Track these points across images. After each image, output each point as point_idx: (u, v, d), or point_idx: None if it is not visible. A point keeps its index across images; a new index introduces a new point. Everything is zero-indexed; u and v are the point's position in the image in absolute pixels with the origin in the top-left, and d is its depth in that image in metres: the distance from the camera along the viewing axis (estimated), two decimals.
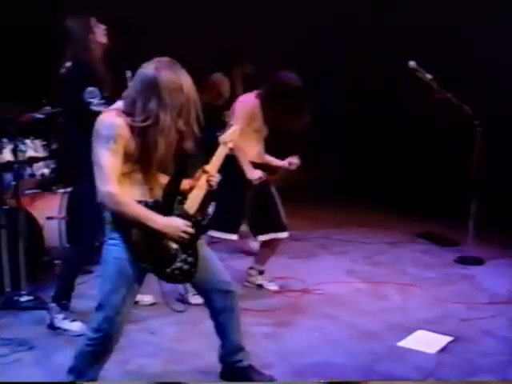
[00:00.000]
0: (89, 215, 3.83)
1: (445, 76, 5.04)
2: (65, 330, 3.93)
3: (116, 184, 2.77)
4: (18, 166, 4.38)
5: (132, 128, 2.79)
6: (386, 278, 5.00)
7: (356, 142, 7.67)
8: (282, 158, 4.62)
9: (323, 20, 7.72)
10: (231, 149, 3.26)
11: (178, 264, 2.93)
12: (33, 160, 4.67)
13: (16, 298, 4.31)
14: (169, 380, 3.36)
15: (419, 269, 5.27)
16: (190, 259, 2.96)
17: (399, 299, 4.61)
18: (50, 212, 4.78)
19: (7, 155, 4.46)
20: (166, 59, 2.84)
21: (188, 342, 3.84)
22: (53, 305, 3.99)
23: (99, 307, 2.91)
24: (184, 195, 3.01)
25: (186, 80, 2.82)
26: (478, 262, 5.32)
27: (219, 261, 3.20)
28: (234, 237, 4.51)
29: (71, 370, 3.02)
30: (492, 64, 6.30)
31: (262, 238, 4.58)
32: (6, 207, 4.41)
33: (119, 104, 2.90)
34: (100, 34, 3.95)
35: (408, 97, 6.63)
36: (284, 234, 4.59)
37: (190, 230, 2.90)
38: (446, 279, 5.01)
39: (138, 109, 2.78)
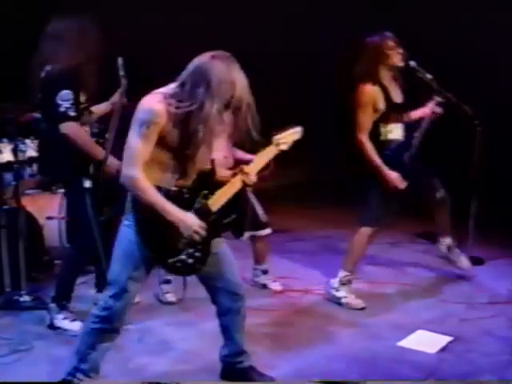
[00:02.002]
0: (83, 215, 3.84)
1: (445, 76, 5.04)
2: (65, 330, 3.93)
3: (140, 169, 2.76)
4: (18, 166, 4.39)
5: (175, 115, 2.75)
6: (386, 278, 5.01)
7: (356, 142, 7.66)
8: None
9: (323, 21, 7.73)
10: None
11: (183, 257, 2.89)
12: (33, 160, 4.67)
13: (16, 297, 4.31)
14: (169, 380, 3.36)
15: (419, 269, 5.28)
16: (197, 254, 2.92)
17: (399, 299, 4.61)
18: (50, 212, 4.78)
19: (7, 155, 4.46)
20: (225, 53, 2.81)
21: (188, 342, 3.83)
22: (52, 305, 3.99)
23: (108, 285, 2.97)
24: (211, 190, 2.96)
25: (239, 77, 2.77)
26: (478, 261, 5.31)
27: (234, 261, 3.18)
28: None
29: (76, 352, 3.07)
30: (492, 64, 6.31)
31: (241, 238, 4.57)
32: (6, 207, 4.41)
33: (170, 87, 2.83)
34: (89, 34, 3.86)
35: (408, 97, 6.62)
36: (263, 232, 4.59)
37: (202, 232, 2.86)
38: (445, 279, 5.02)
39: (185, 92, 2.74)
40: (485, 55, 6.35)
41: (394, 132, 4.40)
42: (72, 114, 3.73)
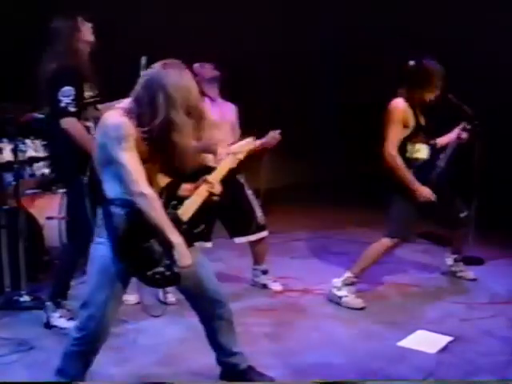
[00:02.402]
0: (82, 214, 3.84)
1: (445, 76, 5.04)
2: (61, 329, 3.92)
3: (146, 183, 2.73)
4: (18, 166, 4.39)
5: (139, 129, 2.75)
6: (386, 278, 5.01)
7: (357, 142, 7.68)
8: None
9: (323, 21, 7.72)
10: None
11: (161, 269, 2.85)
12: (33, 160, 4.68)
13: (16, 297, 4.31)
14: (168, 380, 3.36)
15: (419, 269, 5.28)
16: (173, 266, 2.86)
17: (399, 299, 4.62)
18: (50, 212, 4.78)
19: (7, 155, 4.46)
20: (175, 61, 2.81)
21: (187, 343, 3.83)
22: (48, 303, 3.99)
23: (83, 305, 2.90)
24: (180, 201, 2.97)
25: (192, 84, 2.77)
26: (478, 262, 5.32)
27: (211, 268, 3.17)
28: (209, 244, 4.48)
29: (57, 372, 3.01)
30: (492, 64, 6.30)
31: (238, 240, 4.62)
32: (6, 207, 4.42)
33: (125, 101, 2.84)
34: (87, 32, 3.93)
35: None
36: (259, 235, 4.61)
37: (190, 267, 2.82)
38: (446, 279, 5.02)
39: (144, 106, 2.72)
40: (485, 55, 6.35)
41: (421, 151, 4.43)
42: (72, 109, 3.76)
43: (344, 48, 7.70)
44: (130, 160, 2.73)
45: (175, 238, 2.79)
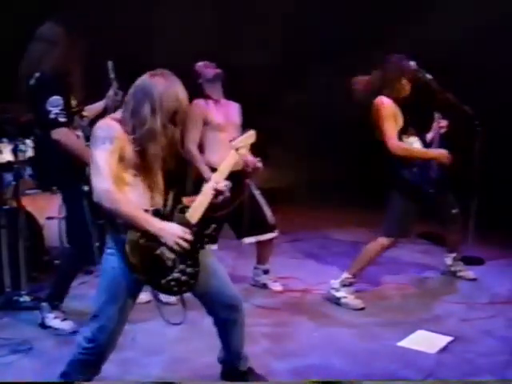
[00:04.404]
0: (78, 216, 3.83)
1: (445, 76, 5.04)
2: (55, 329, 3.93)
3: (112, 182, 2.73)
4: (18, 166, 4.39)
5: (129, 135, 2.79)
6: (386, 278, 5.01)
7: (356, 142, 7.67)
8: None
9: (323, 20, 7.72)
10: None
11: (176, 275, 2.83)
12: (33, 160, 4.67)
13: (16, 297, 4.31)
14: (169, 380, 3.36)
15: (419, 269, 5.28)
16: (189, 270, 2.87)
17: (399, 299, 4.62)
18: (50, 212, 4.78)
19: (7, 155, 4.46)
20: (165, 70, 2.86)
21: (188, 342, 3.83)
22: (44, 304, 3.99)
23: (94, 317, 2.89)
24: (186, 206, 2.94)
25: (181, 91, 2.82)
26: (478, 262, 5.32)
27: (225, 272, 3.12)
28: (215, 246, 4.47)
29: (63, 375, 3.01)
30: (492, 64, 6.31)
31: (248, 240, 4.62)
32: (6, 207, 4.42)
33: (119, 112, 2.90)
34: (78, 37, 3.86)
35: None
36: (270, 235, 4.62)
37: (188, 236, 2.80)
38: (446, 279, 5.02)
39: (128, 112, 2.79)
40: (485, 55, 6.35)
41: (415, 144, 4.44)
42: (62, 119, 3.72)
43: (344, 50, 7.68)
44: (104, 158, 2.74)
45: (154, 225, 2.75)
